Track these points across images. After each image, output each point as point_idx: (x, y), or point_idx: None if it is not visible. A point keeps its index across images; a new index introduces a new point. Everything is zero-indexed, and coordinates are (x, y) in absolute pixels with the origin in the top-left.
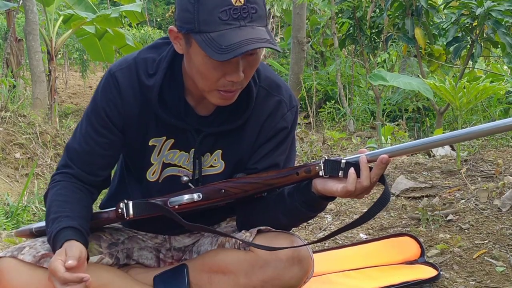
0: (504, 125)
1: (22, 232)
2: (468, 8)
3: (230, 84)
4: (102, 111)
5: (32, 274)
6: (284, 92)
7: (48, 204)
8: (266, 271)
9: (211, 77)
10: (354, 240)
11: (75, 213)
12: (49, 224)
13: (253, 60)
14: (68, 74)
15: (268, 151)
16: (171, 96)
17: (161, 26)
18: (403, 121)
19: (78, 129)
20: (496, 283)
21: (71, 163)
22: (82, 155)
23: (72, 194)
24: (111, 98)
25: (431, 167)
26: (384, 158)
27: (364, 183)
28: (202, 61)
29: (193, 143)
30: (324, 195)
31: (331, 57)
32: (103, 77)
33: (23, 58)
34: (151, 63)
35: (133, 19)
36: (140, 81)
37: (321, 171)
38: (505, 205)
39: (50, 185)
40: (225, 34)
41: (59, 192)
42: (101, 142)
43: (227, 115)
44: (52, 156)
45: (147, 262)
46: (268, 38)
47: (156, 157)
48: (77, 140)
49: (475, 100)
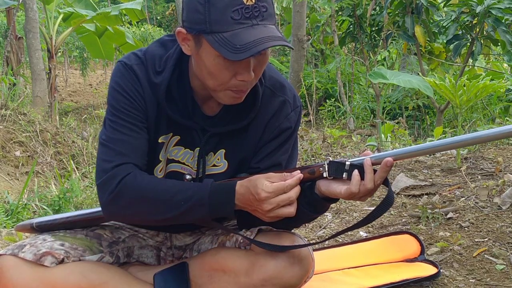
0: (509, 131)
1: (22, 226)
2: (468, 6)
3: (242, 84)
4: (127, 94)
5: (33, 272)
6: (289, 92)
7: (156, 189)
8: (267, 270)
9: (222, 77)
10: (354, 238)
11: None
12: (184, 195)
13: (264, 59)
14: (68, 72)
15: (271, 150)
16: (179, 94)
17: (161, 24)
18: (403, 119)
19: (107, 123)
20: (496, 281)
21: (124, 152)
22: (128, 142)
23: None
24: (134, 85)
25: (431, 165)
26: (389, 161)
27: (368, 186)
28: (214, 62)
29: (198, 142)
30: (327, 197)
31: (331, 55)
32: (117, 70)
33: (23, 56)
34: (159, 60)
35: (133, 17)
36: (150, 78)
37: (325, 172)
38: (505, 203)
39: (128, 177)
40: (238, 34)
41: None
42: (136, 123)
43: (233, 115)
44: (52, 154)
45: (147, 261)
46: (280, 36)
47: (163, 154)
48: (111, 130)
49: (475, 98)
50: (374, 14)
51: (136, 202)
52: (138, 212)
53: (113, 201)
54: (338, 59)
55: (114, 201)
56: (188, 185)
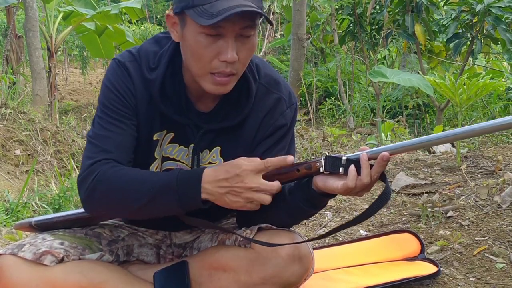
0: (504, 123)
1: (21, 225)
2: (468, 5)
3: (223, 66)
4: (117, 92)
5: (33, 271)
6: (284, 89)
7: (126, 179)
8: (267, 268)
9: (204, 57)
10: (354, 237)
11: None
12: (152, 183)
13: (248, 43)
14: (68, 71)
15: (267, 148)
16: (172, 91)
17: (161, 23)
18: (403, 118)
19: (96, 120)
20: (496, 279)
21: (107, 148)
22: (113, 139)
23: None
24: (125, 83)
25: (431, 163)
26: (385, 155)
27: (365, 180)
28: (196, 40)
29: (192, 138)
30: (324, 192)
31: (331, 53)
32: (110, 68)
33: (23, 55)
34: (153, 56)
35: (133, 15)
36: (143, 75)
37: (321, 167)
38: (505, 202)
39: (103, 170)
40: (216, 4)
41: (127, 171)
42: (123, 120)
43: (226, 112)
44: (52, 153)
45: (147, 259)
46: (256, 6)
47: (159, 152)
48: (98, 127)
49: (475, 96)
50: (374, 13)
51: (110, 193)
52: (112, 203)
53: (89, 196)
54: (338, 57)
55: (90, 196)
56: (159, 173)
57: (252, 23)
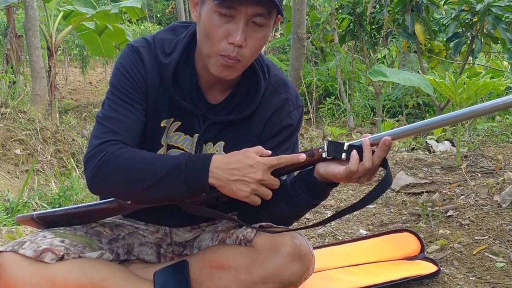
0: (504, 102)
1: (23, 218)
2: (468, 4)
3: (231, 48)
4: (128, 75)
5: (33, 268)
6: (291, 91)
7: (134, 159)
8: (267, 267)
9: (214, 36)
10: (354, 236)
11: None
12: (160, 166)
13: (259, 32)
14: (68, 70)
15: (272, 146)
16: (184, 77)
17: (161, 22)
18: (403, 117)
19: (106, 102)
20: (496, 278)
21: (116, 130)
22: (122, 121)
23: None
24: (137, 67)
25: (431, 163)
26: (387, 140)
27: (367, 165)
28: (209, 18)
29: (198, 128)
30: (326, 180)
31: (331, 53)
32: (123, 52)
33: (23, 54)
34: (169, 43)
35: (133, 15)
36: (157, 59)
37: (324, 153)
38: (505, 201)
39: (111, 151)
40: None
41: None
42: (133, 104)
43: (234, 105)
44: (52, 152)
45: (147, 258)
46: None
47: (165, 139)
48: (108, 109)
49: (475, 96)
50: (374, 12)
51: (117, 172)
52: (119, 182)
53: (95, 175)
54: (338, 57)
55: (96, 175)
56: (168, 156)
57: (266, 12)
